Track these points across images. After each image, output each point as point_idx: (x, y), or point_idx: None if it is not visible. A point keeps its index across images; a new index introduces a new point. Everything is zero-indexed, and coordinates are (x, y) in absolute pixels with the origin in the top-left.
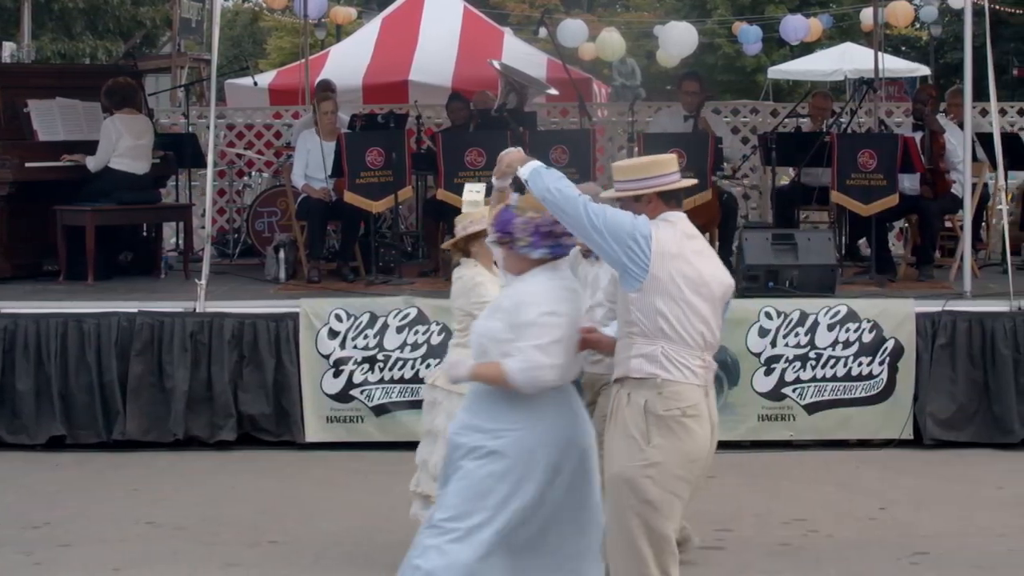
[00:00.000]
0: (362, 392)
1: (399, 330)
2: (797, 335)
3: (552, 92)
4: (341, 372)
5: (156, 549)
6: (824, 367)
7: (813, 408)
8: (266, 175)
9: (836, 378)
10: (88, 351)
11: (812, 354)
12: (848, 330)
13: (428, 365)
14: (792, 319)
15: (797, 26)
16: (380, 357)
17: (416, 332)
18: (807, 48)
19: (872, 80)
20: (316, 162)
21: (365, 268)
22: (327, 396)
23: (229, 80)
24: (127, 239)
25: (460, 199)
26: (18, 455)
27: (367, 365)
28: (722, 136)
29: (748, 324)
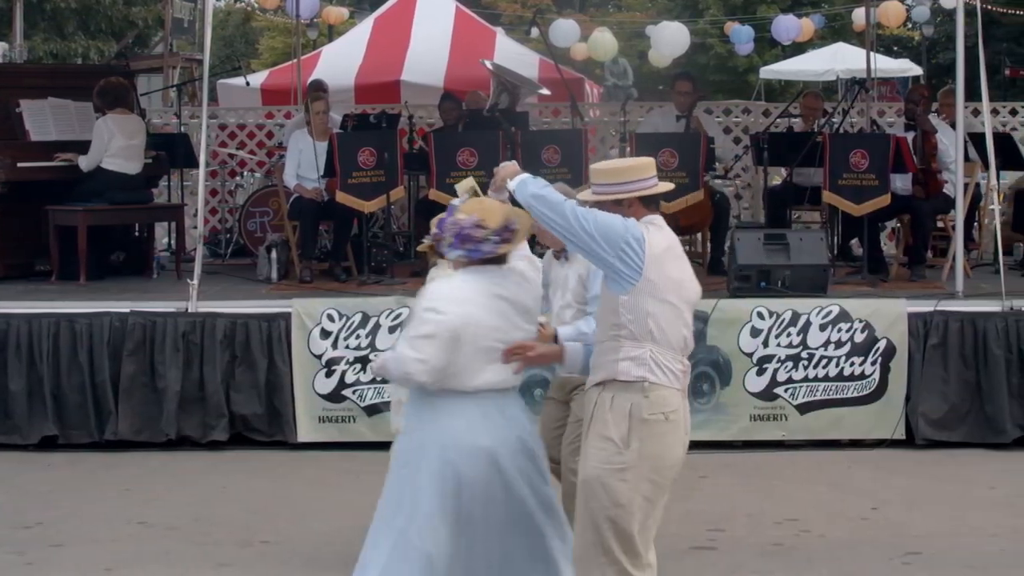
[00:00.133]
0: (354, 392)
1: (391, 330)
2: (789, 335)
3: (544, 92)
4: (333, 372)
5: (148, 549)
6: (816, 367)
7: (805, 408)
8: (258, 175)
9: (828, 378)
10: (80, 351)
11: (804, 354)
12: (840, 330)
13: None
14: (784, 319)
15: (789, 26)
16: (372, 357)
17: None
18: (799, 48)
19: (864, 80)
20: (308, 162)
21: (357, 268)
22: (319, 396)
23: (221, 80)
24: (119, 239)
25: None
26: (10, 455)
27: (359, 365)
28: (714, 136)
29: (740, 324)
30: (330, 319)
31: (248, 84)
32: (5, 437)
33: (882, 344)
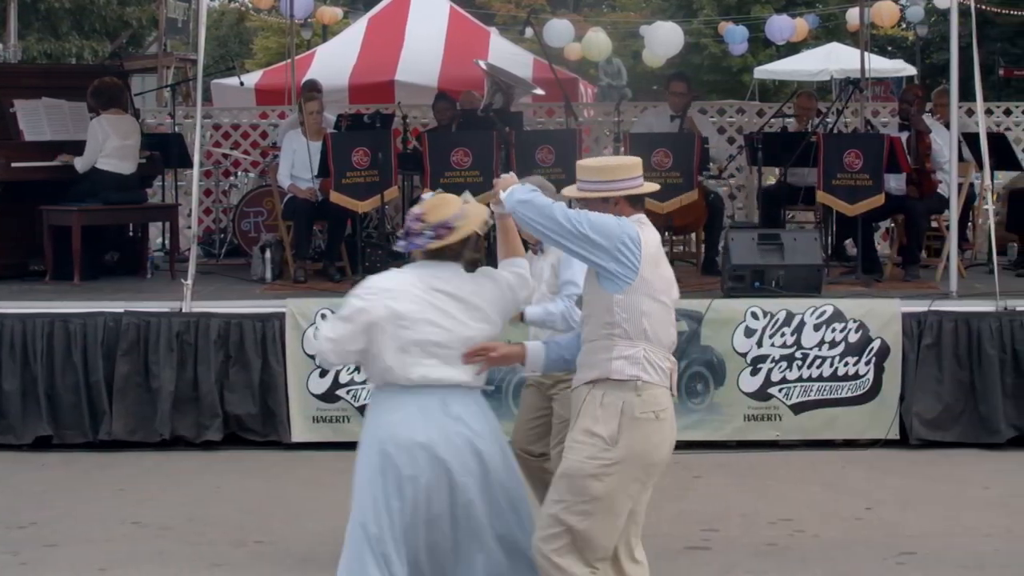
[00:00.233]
0: (348, 392)
1: None
2: (783, 335)
3: (538, 92)
4: (327, 372)
5: (142, 549)
6: (810, 367)
7: (799, 408)
8: (252, 175)
9: (822, 378)
10: (74, 351)
11: (798, 354)
12: (834, 330)
13: None
14: (778, 319)
15: (783, 26)
16: None
17: None
18: (793, 48)
19: (858, 80)
20: (302, 162)
21: (351, 268)
22: (313, 396)
23: (215, 80)
24: (113, 239)
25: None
26: (4, 455)
27: (353, 365)
28: (708, 136)
29: (734, 324)
30: (324, 319)
31: (242, 84)
32: None
33: (876, 344)
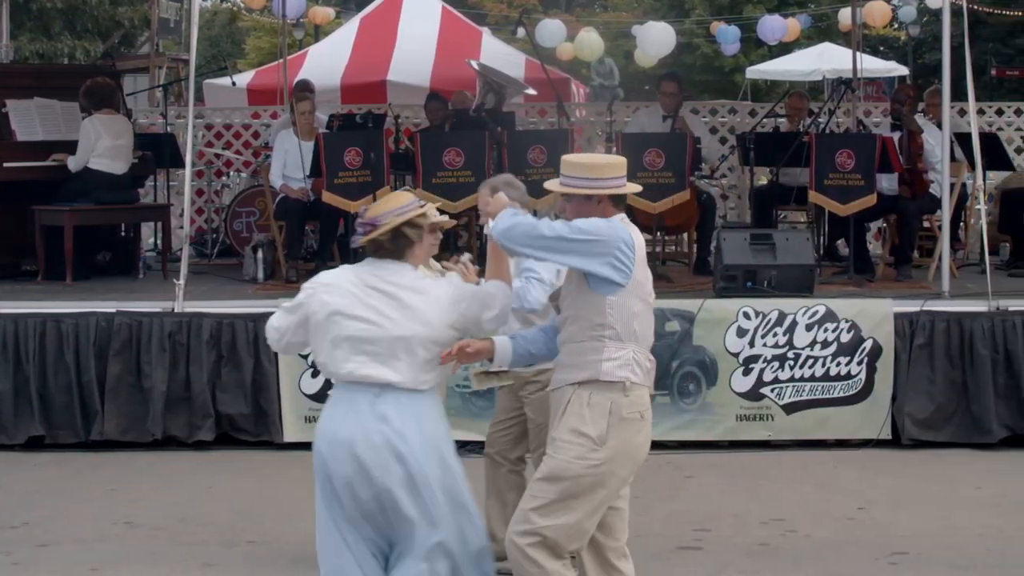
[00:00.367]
0: None
1: None
2: (775, 335)
3: (530, 92)
4: (319, 372)
5: (134, 549)
6: (802, 367)
7: (791, 408)
8: (244, 175)
9: (814, 378)
10: (66, 351)
11: (790, 354)
12: (826, 330)
13: None
14: (770, 319)
15: (775, 26)
16: None
17: None
18: (785, 48)
19: (850, 80)
20: (294, 162)
21: None
22: (305, 396)
23: (207, 80)
24: (105, 239)
25: (438, 199)
26: None
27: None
28: (700, 136)
29: (726, 324)
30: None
31: (234, 84)
32: None
33: (868, 344)
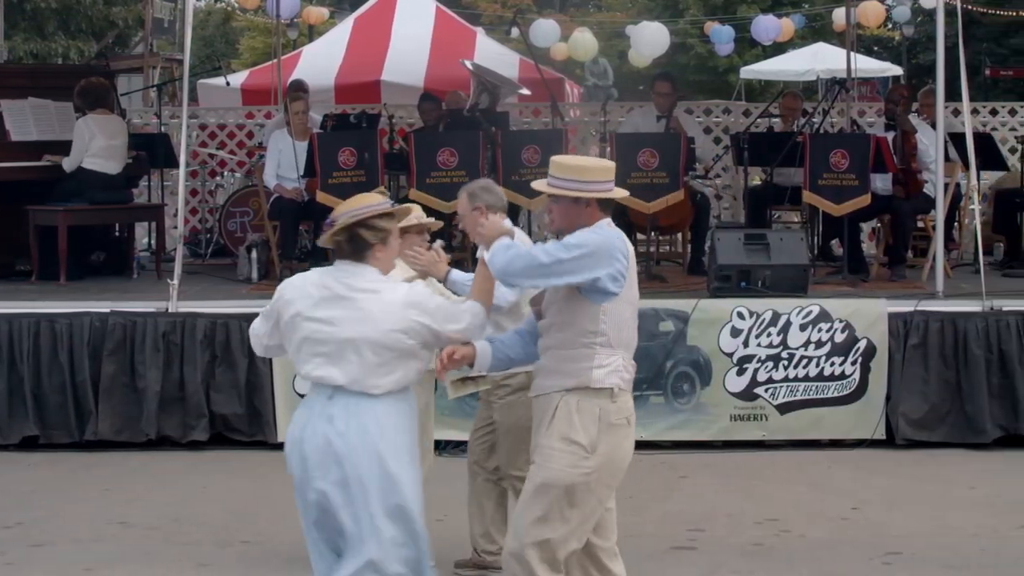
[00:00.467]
0: None
1: None
2: (769, 335)
3: (524, 92)
4: None
5: (128, 549)
6: (796, 367)
7: (785, 408)
8: (238, 175)
9: (808, 378)
10: (60, 351)
11: (784, 354)
12: (820, 330)
13: None
14: (764, 319)
15: (769, 26)
16: None
17: None
18: (779, 48)
19: (844, 80)
20: (288, 162)
21: None
22: (300, 396)
23: (201, 80)
24: (99, 239)
25: (432, 199)
26: None
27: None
28: (694, 136)
29: (720, 324)
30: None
31: (228, 84)
32: None
33: (862, 344)
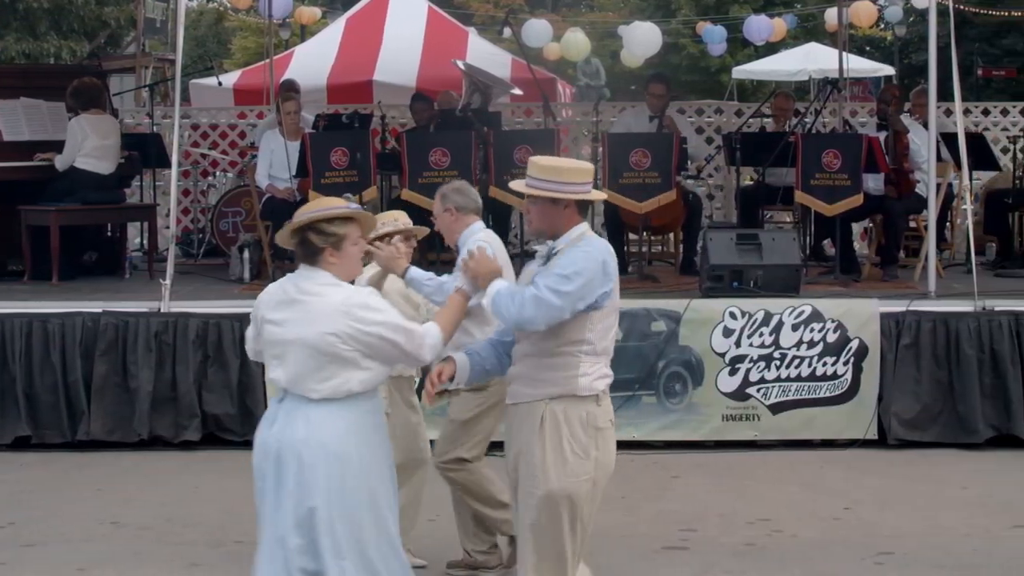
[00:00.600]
0: None
1: None
2: (761, 335)
3: (516, 92)
4: None
5: (121, 549)
6: (788, 367)
7: (777, 408)
8: (231, 175)
9: (800, 378)
10: (53, 351)
11: (776, 354)
12: (812, 330)
13: None
14: (756, 319)
15: (761, 26)
16: None
17: None
18: (772, 48)
19: (836, 80)
20: (280, 162)
21: None
22: None
23: (194, 80)
24: (91, 239)
25: (424, 199)
26: None
27: None
28: (686, 136)
29: (713, 324)
30: None
31: (220, 84)
32: None
33: (854, 344)
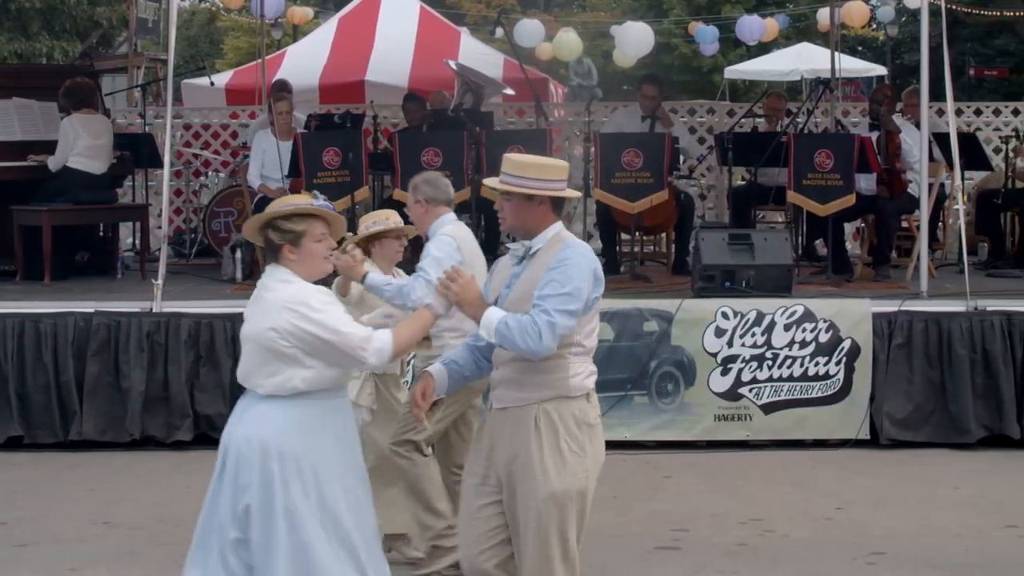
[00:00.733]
0: None
1: None
2: (754, 335)
3: (508, 92)
4: None
5: (113, 549)
6: (781, 367)
7: (769, 408)
8: (223, 175)
9: (792, 378)
10: (45, 351)
11: (769, 354)
12: (805, 330)
13: None
14: (749, 319)
15: (753, 26)
16: None
17: None
18: (764, 48)
19: (828, 80)
20: (272, 162)
21: None
22: None
23: (186, 80)
24: (83, 239)
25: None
26: None
27: None
28: (678, 136)
29: (705, 324)
30: None
31: (212, 84)
32: None
33: (846, 344)
